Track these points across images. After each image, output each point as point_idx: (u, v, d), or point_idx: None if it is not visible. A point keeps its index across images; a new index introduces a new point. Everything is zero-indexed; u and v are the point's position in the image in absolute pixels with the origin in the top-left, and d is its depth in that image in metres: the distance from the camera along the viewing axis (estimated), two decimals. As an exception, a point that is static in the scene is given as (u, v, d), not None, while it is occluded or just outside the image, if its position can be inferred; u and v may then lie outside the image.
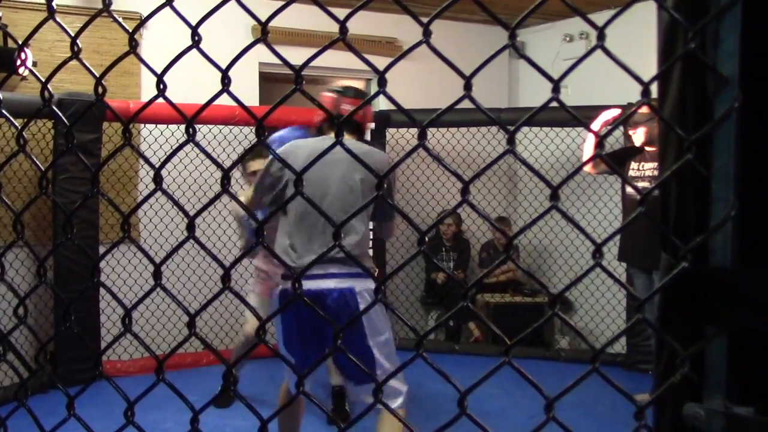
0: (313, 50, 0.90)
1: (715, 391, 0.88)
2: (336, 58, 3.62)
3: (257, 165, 4.25)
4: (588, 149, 4.88)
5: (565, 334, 6.53)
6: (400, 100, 0.89)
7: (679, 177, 0.91)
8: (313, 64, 0.90)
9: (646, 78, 0.86)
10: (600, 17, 0.82)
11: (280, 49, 0.93)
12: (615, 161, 4.85)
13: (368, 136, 6.27)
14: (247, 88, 5.95)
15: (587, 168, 4.33)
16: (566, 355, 6.04)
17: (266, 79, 6.24)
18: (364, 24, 6.01)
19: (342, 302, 2.89)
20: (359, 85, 7.26)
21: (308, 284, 2.90)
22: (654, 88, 0.93)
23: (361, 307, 2.87)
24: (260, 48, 0.91)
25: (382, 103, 6.63)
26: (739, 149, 0.86)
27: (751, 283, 0.86)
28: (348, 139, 3.19)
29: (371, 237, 3.22)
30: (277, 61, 0.88)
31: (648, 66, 1.07)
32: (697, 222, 0.89)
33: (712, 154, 0.86)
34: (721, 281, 0.87)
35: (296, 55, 0.89)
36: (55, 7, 1.01)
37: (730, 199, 0.86)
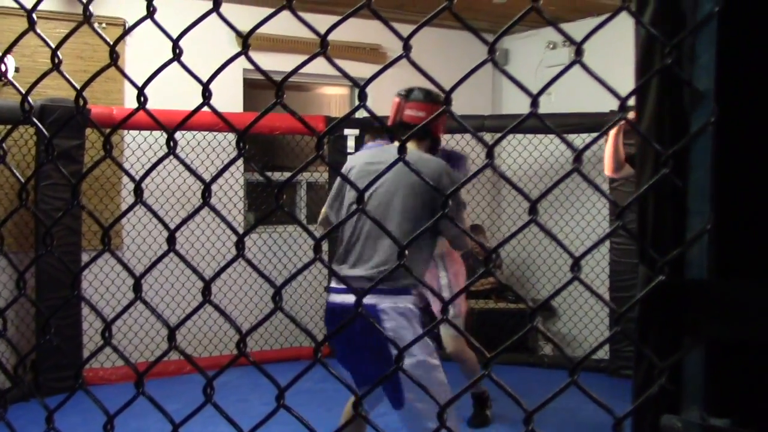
0: (298, 57, 0.91)
1: (693, 402, 0.89)
2: (321, 65, 3.58)
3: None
4: (607, 154, 4.58)
5: (553, 340, 6.56)
6: (384, 106, 0.89)
7: (656, 190, 0.92)
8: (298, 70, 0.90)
9: (628, 88, 0.88)
10: (583, 25, 0.84)
11: (264, 55, 0.94)
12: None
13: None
14: (231, 95, 5.94)
15: (607, 171, 4.21)
16: (550, 361, 6.06)
17: (251, 85, 6.24)
18: (349, 31, 5.99)
19: (364, 320, 2.65)
20: (344, 92, 7.26)
21: (334, 297, 2.86)
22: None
23: (386, 326, 2.69)
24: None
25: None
26: (714, 163, 0.87)
27: (726, 294, 0.87)
28: (409, 150, 2.96)
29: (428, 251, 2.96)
30: (263, 66, 0.88)
31: (630, 75, 1.08)
32: (674, 235, 0.90)
33: (689, 168, 0.88)
34: (697, 293, 0.88)
35: (281, 62, 0.90)
36: (35, 18, 1.01)
37: (706, 212, 0.87)
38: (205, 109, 1.08)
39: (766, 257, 0.87)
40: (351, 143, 6.23)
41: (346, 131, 6.21)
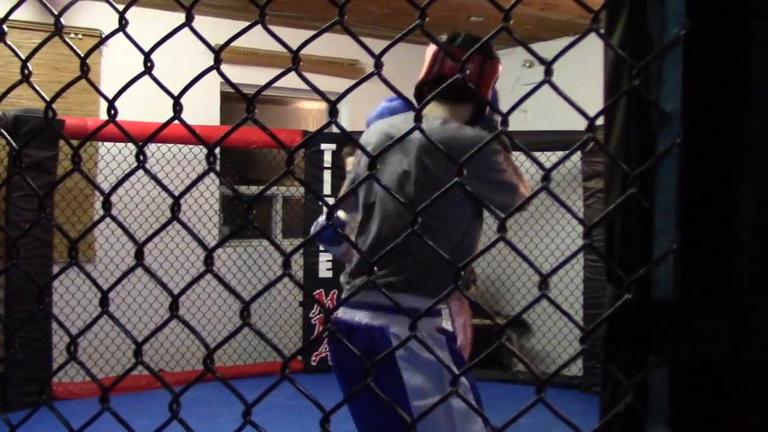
0: (276, 71, 0.90)
1: (658, 420, 0.90)
2: (297, 80, 3.57)
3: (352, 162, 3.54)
4: None
5: (523, 356, 6.58)
6: (364, 120, 0.90)
7: (623, 210, 0.93)
8: (275, 85, 0.90)
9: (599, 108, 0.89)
10: (559, 44, 0.85)
11: (241, 69, 0.94)
12: None
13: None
14: (208, 108, 5.92)
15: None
16: (524, 378, 6.07)
17: (228, 98, 6.22)
18: (327, 46, 6.02)
19: (369, 344, 2.06)
20: (322, 106, 7.27)
21: (341, 313, 2.20)
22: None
23: (397, 353, 2.00)
24: (222, 66, 0.91)
25: (343, 124, 6.64)
26: (680, 183, 0.88)
27: (691, 313, 0.88)
28: (433, 116, 2.22)
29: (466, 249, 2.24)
30: (238, 80, 0.88)
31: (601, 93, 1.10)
32: (641, 254, 0.91)
33: (655, 188, 0.89)
34: (663, 312, 0.89)
35: (258, 76, 0.90)
36: (5, 29, 1.00)
37: (672, 232, 0.88)
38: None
39: (729, 277, 0.89)
40: (328, 158, 6.23)
41: (323, 146, 6.21)
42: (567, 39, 6.94)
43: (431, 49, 2.34)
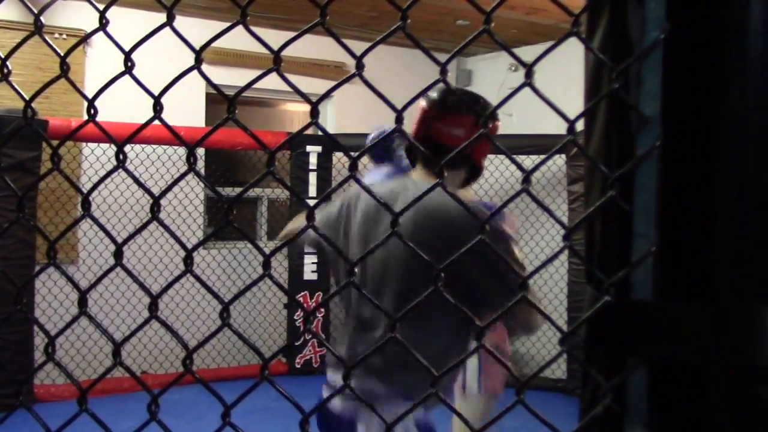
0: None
1: (636, 421, 0.90)
2: (283, 82, 3.57)
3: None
4: None
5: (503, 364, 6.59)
6: (350, 123, 0.90)
7: (603, 212, 0.93)
8: (260, 86, 0.90)
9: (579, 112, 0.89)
10: (544, 49, 0.85)
11: (228, 71, 0.94)
12: None
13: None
14: (193, 109, 5.90)
15: None
16: (508, 380, 6.08)
17: (214, 100, 6.21)
18: (312, 48, 6.02)
19: None
20: (308, 108, 7.27)
21: (336, 402, 1.86)
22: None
23: None
24: (207, 69, 0.91)
25: (329, 126, 6.64)
26: (659, 186, 0.89)
27: (669, 315, 0.88)
28: (424, 181, 1.98)
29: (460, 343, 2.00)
30: (224, 81, 0.88)
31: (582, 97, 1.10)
32: (620, 256, 0.91)
33: (634, 191, 0.89)
34: (641, 314, 0.89)
35: (244, 78, 0.89)
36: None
37: (651, 235, 0.88)
38: (167, 121, 1.08)
39: (707, 279, 0.89)
40: (313, 160, 6.22)
41: (309, 148, 6.20)
42: (552, 43, 6.92)
43: (421, 106, 2.02)
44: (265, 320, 6.27)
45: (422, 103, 2.01)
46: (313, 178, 6.19)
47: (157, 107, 0.88)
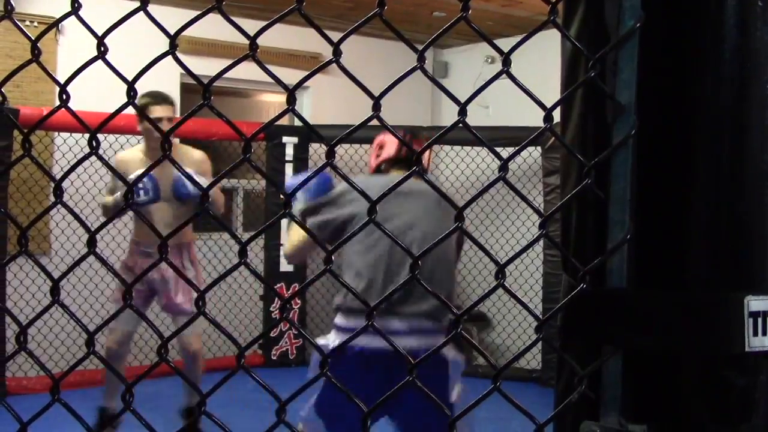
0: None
1: (611, 408, 0.91)
2: (258, 71, 3.54)
3: (162, 111, 3.91)
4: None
5: (483, 350, 6.62)
6: (326, 114, 0.89)
7: (578, 200, 0.94)
8: (236, 76, 0.89)
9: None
10: (519, 40, 0.85)
11: (203, 60, 0.93)
12: None
13: (290, 152, 6.23)
14: (168, 99, 5.84)
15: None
16: (484, 371, 6.11)
17: (188, 90, 6.15)
18: (288, 38, 5.99)
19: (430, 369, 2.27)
20: (284, 99, 7.24)
21: (377, 341, 2.20)
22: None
23: (452, 379, 2.51)
24: (181, 58, 0.90)
25: (305, 117, 6.61)
26: (635, 174, 0.89)
27: (644, 304, 0.89)
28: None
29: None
30: (198, 71, 0.87)
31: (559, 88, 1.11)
32: (596, 244, 0.92)
33: (610, 179, 0.90)
34: (617, 302, 0.90)
35: (219, 66, 0.88)
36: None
37: (627, 223, 0.89)
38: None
39: (681, 267, 0.90)
40: (290, 151, 6.19)
41: (285, 139, 6.17)
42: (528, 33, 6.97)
43: (392, 139, 2.82)
44: (240, 312, 6.24)
45: (406, 134, 3.00)
46: (289, 169, 6.16)
47: (131, 93, 0.86)
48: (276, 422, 0.85)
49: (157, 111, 3.94)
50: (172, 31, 0.88)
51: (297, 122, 6.64)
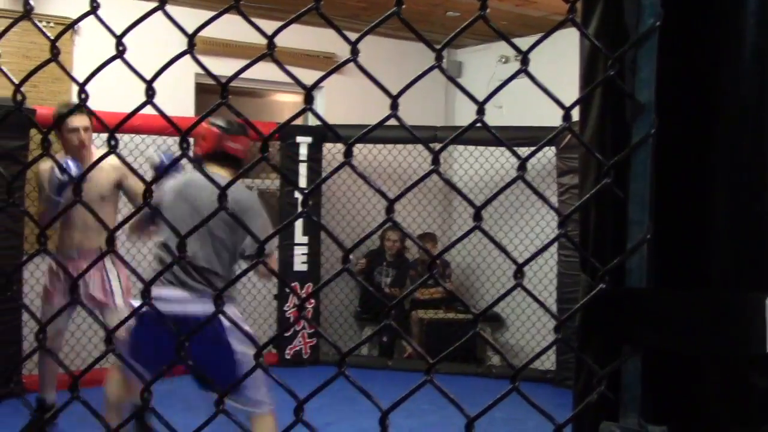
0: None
1: (631, 409, 0.90)
2: (273, 71, 3.56)
3: (79, 121, 4.05)
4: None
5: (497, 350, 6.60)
6: (339, 115, 0.89)
7: (597, 200, 0.93)
8: (250, 76, 0.90)
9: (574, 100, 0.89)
10: (534, 41, 0.84)
11: (218, 61, 0.93)
12: None
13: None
14: (183, 100, 5.86)
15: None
16: (498, 372, 6.10)
17: (204, 90, 6.17)
18: (302, 38, 6.00)
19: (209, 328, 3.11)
20: (297, 99, 7.25)
21: (170, 306, 3.01)
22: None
23: (228, 332, 3.09)
24: (199, 57, 0.90)
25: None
26: (654, 174, 0.89)
27: (664, 303, 0.88)
28: (222, 175, 3.30)
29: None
30: (213, 71, 0.87)
31: (576, 89, 1.10)
32: (615, 244, 0.91)
33: (629, 179, 0.89)
34: (636, 302, 0.89)
35: (234, 67, 0.88)
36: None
37: (646, 222, 0.88)
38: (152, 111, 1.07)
39: (701, 267, 0.89)
40: (303, 150, 6.19)
41: (299, 138, 6.18)
42: (540, 36, 6.95)
43: (212, 131, 3.32)
44: (255, 311, 6.25)
45: (213, 129, 3.31)
46: (303, 169, 6.16)
47: (150, 92, 0.87)
48: (294, 421, 0.85)
49: (75, 120, 4.06)
50: (176, 31, 0.88)
51: (311, 122, 6.64)
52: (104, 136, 5.52)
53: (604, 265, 0.87)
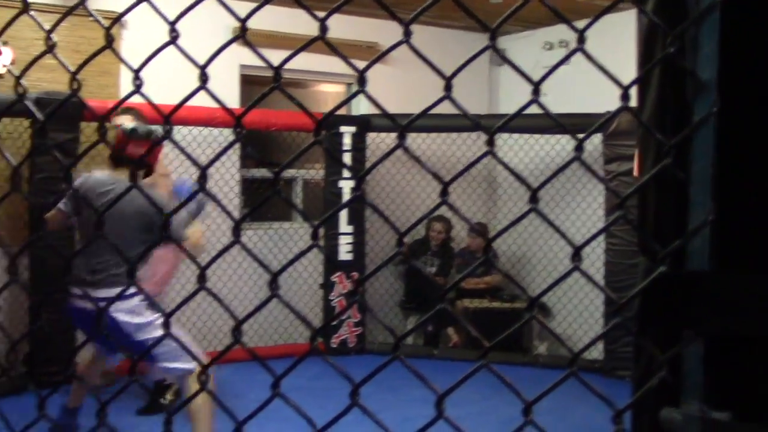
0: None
1: (692, 395, 0.88)
2: (317, 62, 3.60)
3: (122, 119, 4.10)
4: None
5: (544, 339, 6.55)
6: (381, 103, 0.88)
7: (657, 181, 0.91)
8: (294, 67, 0.90)
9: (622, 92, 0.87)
10: (579, 26, 0.82)
11: (261, 51, 0.92)
12: None
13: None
14: (228, 90, 5.91)
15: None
16: (544, 361, 6.05)
17: (248, 81, 6.22)
18: (345, 28, 6.00)
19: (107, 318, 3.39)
20: (341, 89, 7.27)
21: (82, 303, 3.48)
22: (633, 95, 0.94)
23: (119, 318, 3.34)
24: (241, 50, 0.90)
25: (362, 107, 6.62)
26: (717, 153, 0.86)
27: (727, 287, 0.86)
28: (122, 178, 3.59)
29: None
30: (258, 62, 0.87)
31: (624, 75, 1.08)
32: (676, 226, 0.89)
33: (691, 159, 0.87)
34: (698, 285, 0.87)
35: (278, 58, 0.88)
36: (29, 0, 0.99)
37: (708, 203, 0.86)
38: (201, 103, 1.08)
39: (765, 249, 0.87)
40: (347, 140, 6.20)
41: (342, 128, 6.19)
42: (586, 21, 6.86)
43: (118, 133, 3.54)
44: (300, 300, 6.30)
45: (119, 131, 3.53)
46: (347, 158, 6.18)
47: (203, 77, 0.87)
48: (349, 405, 0.85)
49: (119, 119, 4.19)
50: (228, 22, 0.89)
51: (354, 111, 6.64)
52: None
53: (664, 248, 0.85)
